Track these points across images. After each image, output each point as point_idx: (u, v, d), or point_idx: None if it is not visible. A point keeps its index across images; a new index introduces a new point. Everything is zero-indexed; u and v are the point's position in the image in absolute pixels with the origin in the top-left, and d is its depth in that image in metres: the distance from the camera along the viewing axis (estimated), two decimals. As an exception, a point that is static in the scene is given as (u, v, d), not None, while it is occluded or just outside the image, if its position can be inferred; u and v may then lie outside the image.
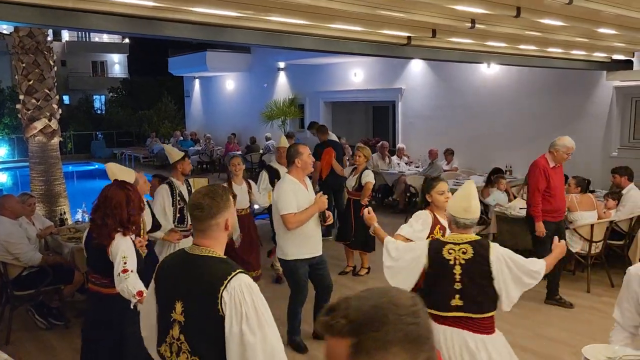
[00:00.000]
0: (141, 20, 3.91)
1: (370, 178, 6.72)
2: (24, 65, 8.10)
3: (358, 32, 5.08)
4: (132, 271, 3.24)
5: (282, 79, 17.05)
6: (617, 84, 9.04)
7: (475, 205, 3.06)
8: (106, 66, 38.65)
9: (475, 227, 3.80)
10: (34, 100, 8.13)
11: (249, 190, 6.14)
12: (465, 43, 6.03)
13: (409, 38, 5.46)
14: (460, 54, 6.38)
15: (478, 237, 3.07)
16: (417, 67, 12.65)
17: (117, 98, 31.56)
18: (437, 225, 3.82)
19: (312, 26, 4.72)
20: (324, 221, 4.65)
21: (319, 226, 4.76)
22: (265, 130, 16.55)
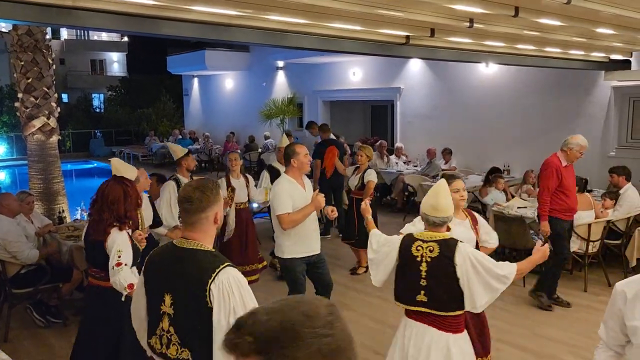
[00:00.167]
0: (140, 18, 3.91)
1: (373, 177, 6.76)
2: (22, 63, 8.09)
3: (357, 32, 5.08)
4: (126, 264, 3.28)
5: (281, 77, 17.04)
6: (615, 83, 9.05)
7: (444, 204, 2.99)
8: (105, 64, 38.63)
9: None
10: (32, 99, 8.12)
11: (247, 184, 6.21)
12: (463, 42, 6.03)
13: (407, 37, 5.47)
14: (459, 53, 6.39)
15: (448, 236, 3.00)
16: (415, 66, 12.66)
17: (115, 96, 31.58)
18: None
19: (311, 25, 4.72)
20: (325, 218, 4.64)
21: (317, 224, 4.77)
22: (263, 129, 16.55)
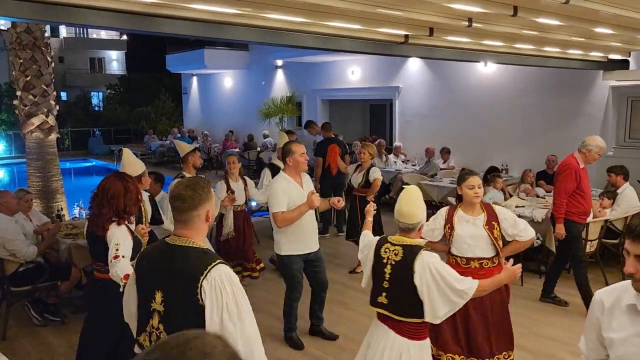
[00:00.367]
0: (139, 16, 3.91)
1: (378, 175, 6.80)
2: (21, 61, 8.09)
3: (356, 30, 5.08)
4: (124, 257, 3.30)
5: (280, 76, 17.04)
6: (613, 83, 9.06)
7: (409, 211, 2.95)
8: (104, 63, 38.58)
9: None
10: (31, 97, 8.12)
11: (245, 187, 6.26)
12: (462, 42, 6.04)
13: (406, 36, 5.47)
14: (458, 52, 6.39)
15: (416, 242, 2.96)
16: (414, 65, 12.66)
17: (114, 95, 31.56)
18: (447, 224, 3.80)
19: (310, 24, 4.72)
20: (323, 217, 4.64)
21: (315, 222, 4.78)
22: (262, 127, 16.55)
